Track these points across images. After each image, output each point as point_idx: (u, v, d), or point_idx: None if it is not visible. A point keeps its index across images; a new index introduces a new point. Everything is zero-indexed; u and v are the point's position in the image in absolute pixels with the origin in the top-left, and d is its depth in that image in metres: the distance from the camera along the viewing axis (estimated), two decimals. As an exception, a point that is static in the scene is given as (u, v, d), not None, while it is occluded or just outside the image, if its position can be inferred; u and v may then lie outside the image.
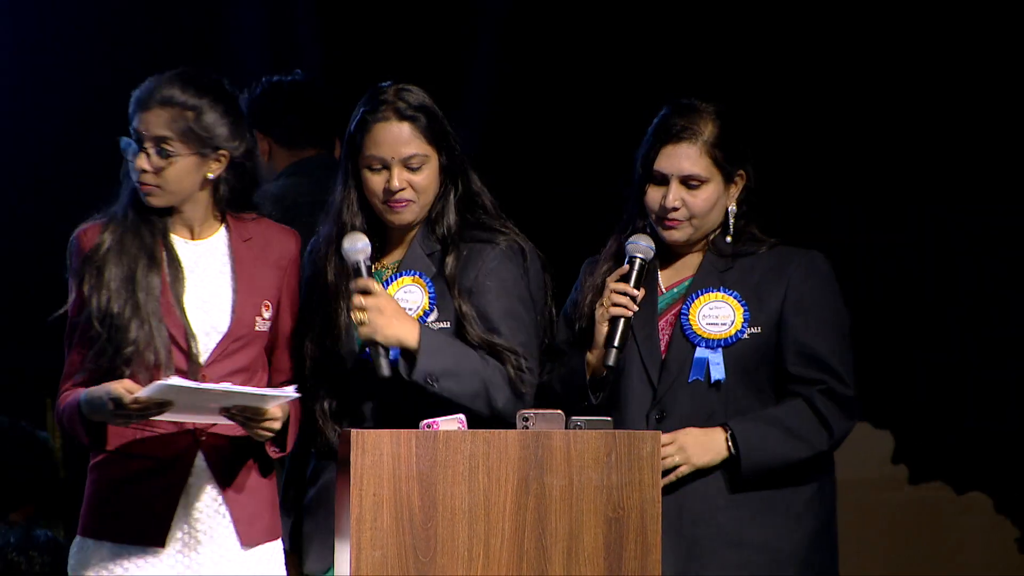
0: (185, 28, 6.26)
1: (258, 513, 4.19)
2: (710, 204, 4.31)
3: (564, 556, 3.76)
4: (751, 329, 4.26)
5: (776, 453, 4.21)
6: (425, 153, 4.22)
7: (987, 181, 6.13)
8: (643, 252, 4.29)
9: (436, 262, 4.29)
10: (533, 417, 3.82)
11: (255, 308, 4.20)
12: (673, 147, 4.30)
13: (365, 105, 4.26)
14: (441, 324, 4.25)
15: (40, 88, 6.10)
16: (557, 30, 6.28)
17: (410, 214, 4.25)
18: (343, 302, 4.24)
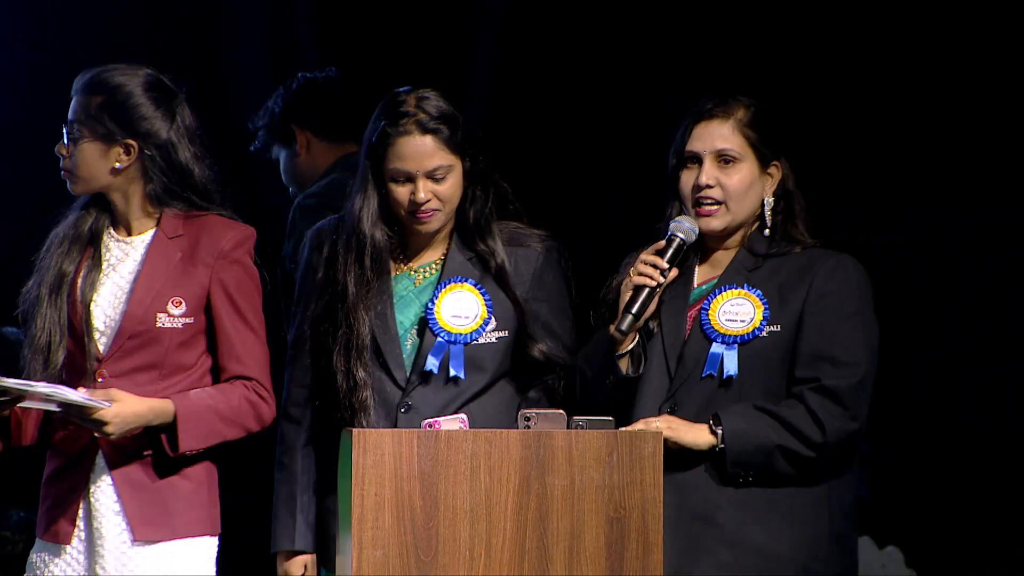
0: (185, 28, 6.26)
1: (159, 511, 4.19)
2: (745, 185, 4.30)
3: (566, 556, 3.76)
4: (770, 327, 4.25)
5: (762, 440, 4.16)
6: (449, 163, 4.23)
7: (987, 181, 6.12)
8: (684, 232, 4.29)
9: (478, 267, 4.30)
10: (535, 417, 3.83)
11: (158, 305, 4.20)
12: (705, 124, 4.31)
13: (385, 117, 4.25)
14: (500, 333, 4.29)
15: (40, 88, 6.09)
16: (557, 30, 6.28)
17: (436, 222, 4.27)
18: (364, 313, 4.24)
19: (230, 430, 4.19)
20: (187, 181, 4.24)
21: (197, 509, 4.22)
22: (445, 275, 4.30)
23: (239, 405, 4.19)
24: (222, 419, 4.18)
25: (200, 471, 4.23)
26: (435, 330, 4.25)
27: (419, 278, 4.32)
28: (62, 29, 6.18)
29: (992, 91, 6.06)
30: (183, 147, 4.24)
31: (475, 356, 4.27)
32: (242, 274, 4.24)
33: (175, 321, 4.21)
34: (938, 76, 6.11)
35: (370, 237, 4.25)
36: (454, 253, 4.32)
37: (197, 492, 4.22)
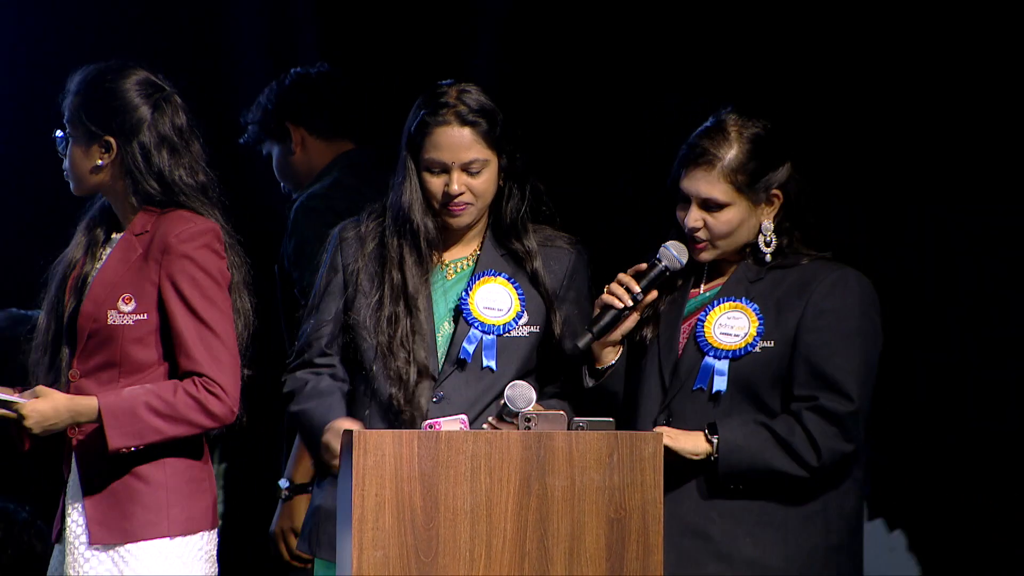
0: (185, 28, 6.25)
1: (116, 513, 4.19)
2: (732, 227, 4.30)
3: (566, 557, 3.76)
4: (763, 343, 4.24)
5: (757, 458, 4.17)
6: (485, 158, 4.25)
7: (987, 181, 6.12)
8: (669, 260, 4.30)
9: (511, 263, 4.31)
10: (535, 418, 3.83)
11: (109, 303, 4.21)
12: (693, 170, 4.30)
13: (426, 107, 4.27)
14: (531, 328, 4.30)
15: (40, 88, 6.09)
16: (557, 30, 6.28)
17: (468, 217, 4.28)
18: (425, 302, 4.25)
19: (171, 427, 4.14)
20: (164, 179, 4.24)
21: (153, 512, 4.19)
22: (479, 268, 4.32)
23: (178, 400, 4.14)
24: (158, 415, 4.13)
25: (160, 472, 4.21)
26: (469, 320, 4.28)
27: (450, 272, 4.34)
28: (62, 29, 6.18)
29: (992, 91, 6.06)
30: (163, 145, 4.24)
31: (507, 348, 4.30)
32: (193, 269, 4.20)
33: (125, 318, 4.20)
34: (938, 76, 6.10)
35: (423, 226, 4.27)
36: (488, 249, 4.34)
37: (154, 494, 4.20)
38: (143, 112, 4.24)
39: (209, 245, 4.22)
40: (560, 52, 6.28)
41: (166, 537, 4.19)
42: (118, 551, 4.19)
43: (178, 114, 4.27)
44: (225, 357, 4.18)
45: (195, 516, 4.23)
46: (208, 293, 4.20)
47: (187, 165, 4.26)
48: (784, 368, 4.23)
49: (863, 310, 4.27)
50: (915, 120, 6.14)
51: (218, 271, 4.22)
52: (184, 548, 4.21)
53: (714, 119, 4.35)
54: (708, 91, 4.45)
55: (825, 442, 4.16)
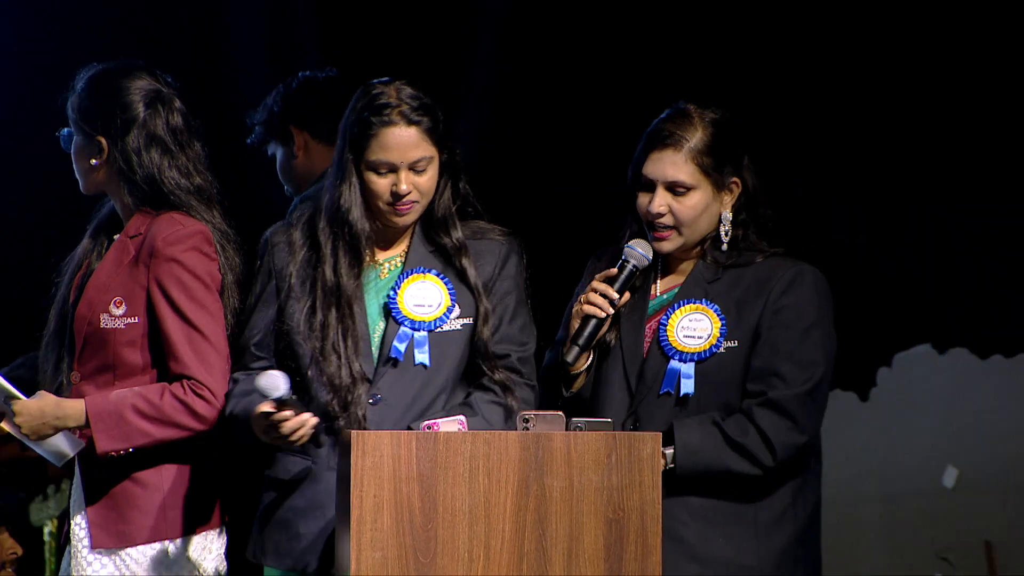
0: (185, 28, 6.26)
1: (115, 517, 4.20)
2: (697, 212, 4.29)
3: (564, 557, 3.76)
4: (727, 343, 4.24)
5: (714, 461, 4.16)
6: (431, 155, 4.22)
7: (987, 181, 6.12)
8: (636, 259, 4.29)
9: (441, 258, 4.30)
10: (534, 419, 3.83)
11: (101, 306, 4.23)
12: (659, 153, 4.29)
13: (367, 109, 4.23)
14: (464, 320, 4.28)
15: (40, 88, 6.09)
16: (557, 30, 6.28)
17: (414, 215, 4.26)
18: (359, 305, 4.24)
19: (159, 430, 4.15)
20: (156, 180, 4.24)
21: (149, 515, 4.20)
22: (408, 266, 4.29)
23: (164, 403, 4.15)
24: (145, 418, 4.14)
25: (156, 476, 4.22)
26: (398, 318, 4.24)
27: (384, 271, 4.31)
28: (62, 29, 6.18)
29: (991, 91, 6.06)
30: (154, 146, 4.24)
31: (441, 343, 4.26)
32: (180, 271, 4.19)
33: (117, 321, 4.21)
34: (938, 77, 6.11)
35: (361, 228, 4.24)
36: (417, 246, 4.31)
37: (150, 498, 4.21)
38: (134, 113, 4.24)
39: (197, 247, 4.21)
40: (560, 52, 6.28)
41: (165, 540, 4.20)
42: (119, 555, 4.20)
43: (174, 115, 4.26)
44: (213, 359, 4.18)
45: (196, 517, 4.23)
46: (196, 296, 4.19)
47: (182, 166, 4.25)
48: (747, 366, 4.24)
49: (819, 304, 4.27)
50: (915, 120, 6.14)
51: (206, 273, 4.22)
52: (186, 549, 4.22)
53: (673, 108, 4.35)
54: (708, 92, 4.44)
55: (778, 437, 4.16)
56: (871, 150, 6.20)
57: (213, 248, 4.23)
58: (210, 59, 6.26)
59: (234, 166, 6.07)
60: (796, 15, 6.14)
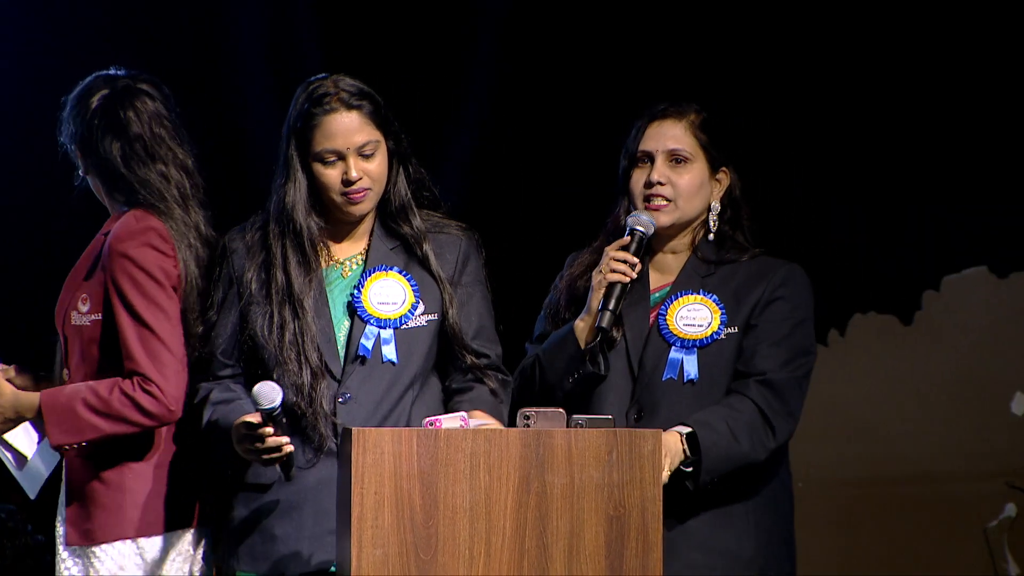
0: (185, 28, 6.26)
1: (84, 515, 4.23)
2: (694, 185, 4.35)
3: (565, 554, 3.76)
4: (728, 329, 4.31)
5: (731, 456, 4.20)
6: (376, 139, 4.25)
7: (987, 181, 6.13)
8: (644, 226, 4.34)
9: (402, 254, 4.31)
10: (534, 416, 3.83)
11: (72, 304, 4.27)
12: (659, 124, 4.38)
13: (307, 101, 4.25)
14: (430, 316, 4.28)
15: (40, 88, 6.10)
16: (557, 31, 6.28)
17: (368, 203, 4.28)
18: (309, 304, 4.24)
19: (108, 424, 4.17)
20: (125, 180, 4.27)
21: (112, 513, 4.22)
22: (369, 264, 4.30)
23: (113, 398, 4.16)
24: (94, 412, 4.16)
25: (118, 475, 4.24)
26: (363, 316, 4.25)
27: (345, 270, 4.32)
28: (62, 29, 6.18)
29: (991, 91, 6.06)
30: (116, 146, 4.27)
31: (407, 340, 4.27)
32: (132, 268, 4.20)
33: (84, 318, 4.25)
34: (938, 77, 6.11)
35: (306, 227, 4.25)
36: (377, 243, 4.33)
37: (113, 496, 4.23)
38: (103, 117, 4.28)
39: (149, 243, 4.22)
40: (560, 53, 6.28)
41: (128, 539, 4.21)
42: (87, 552, 4.23)
43: (143, 114, 4.28)
44: (164, 356, 4.19)
45: (162, 517, 4.24)
46: (147, 292, 4.20)
47: (149, 163, 4.27)
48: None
49: (808, 303, 4.37)
50: (914, 120, 6.14)
51: (159, 270, 4.22)
52: (153, 548, 4.23)
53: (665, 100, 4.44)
54: (707, 92, 4.45)
55: (777, 420, 4.24)
56: (871, 150, 6.20)
57: (170, 245, 4.23)
58: (210, 59, 6.26)
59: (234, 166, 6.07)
60: (797, 14, 6.14)
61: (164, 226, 4.22)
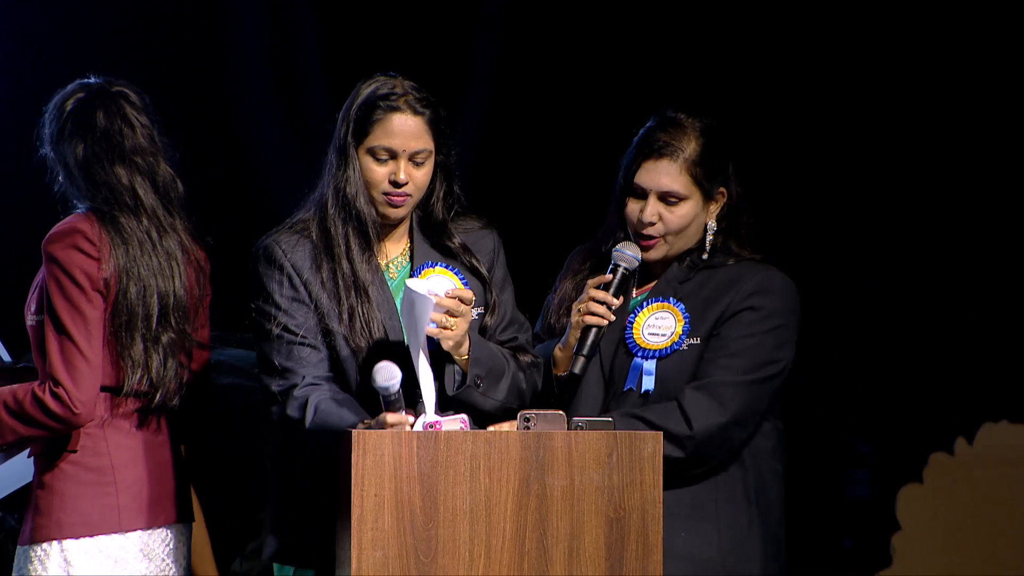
0: (185, 28, 6.25)
1: (28, 516, 4.25)
2: (686, 221, 4.33)
3: (565, 556, 3.76)
4: (690, 340, 4.28)
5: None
6: (431, 149, 4.24)
7: (987, 181, 6.13)
8: (627, 262, 4.32)
9: (444, 253, 4.31)
10: (534, 418, 3.83)
11: (28, 306, 4.29)
12: (654, 163, 4.33)
13: (374, 95, 4.23)
14: (478, 310, 4.29)
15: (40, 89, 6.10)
16: (557, 31, 6.28)
17: (405, 209, 4.27)
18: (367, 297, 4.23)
19: (23, 427, 4.19)
20: (77, 181, 4.28)
21: (44, 515, 4.23)
22: (417, 262, 4.30)
23: (25, 400, 4.18)
24: (12, 415, 4.19)
25: (50, 477, 4.24)
26: None
27: (392, 271, 4.32)
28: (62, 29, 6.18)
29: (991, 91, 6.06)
30: (80, 148, 4.26)
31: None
32: (57, 271, 4.20)
33: (32, 319, 4.28)
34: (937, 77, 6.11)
35: (368, 214, 4.25)
36: (419, 243, 4.32)
37: (45, 498, 4.24)
38: (72, 122, 4.28)
39: (74, 245, 4.20)
40: (560, 53, 6.28)
41: (54, 540, 4.22)
42: (28, 551, 4.25)
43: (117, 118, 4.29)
44: (77, 361, 4.18)
45: (92, 520, 4.24)
46: (68, 295, 4.19)
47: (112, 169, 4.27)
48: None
49: (783, 311, 4.30)
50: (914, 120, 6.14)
51: (81, 272, 4.20)
52: (76, 552, 4.23)
53: (662, 116, 4.38)
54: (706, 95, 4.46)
55: (698, 417, 4.18)
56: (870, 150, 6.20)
57: (95, 246, 4.21)
58: (210, 59, 6.26)
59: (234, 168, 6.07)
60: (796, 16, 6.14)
61: (93, 228, 4.21)
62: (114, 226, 4.23)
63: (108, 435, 4.25)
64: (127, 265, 4.22)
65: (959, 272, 6.26)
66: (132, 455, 4.27)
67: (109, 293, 4.22)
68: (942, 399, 6.29)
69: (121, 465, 4.25)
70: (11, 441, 4.21)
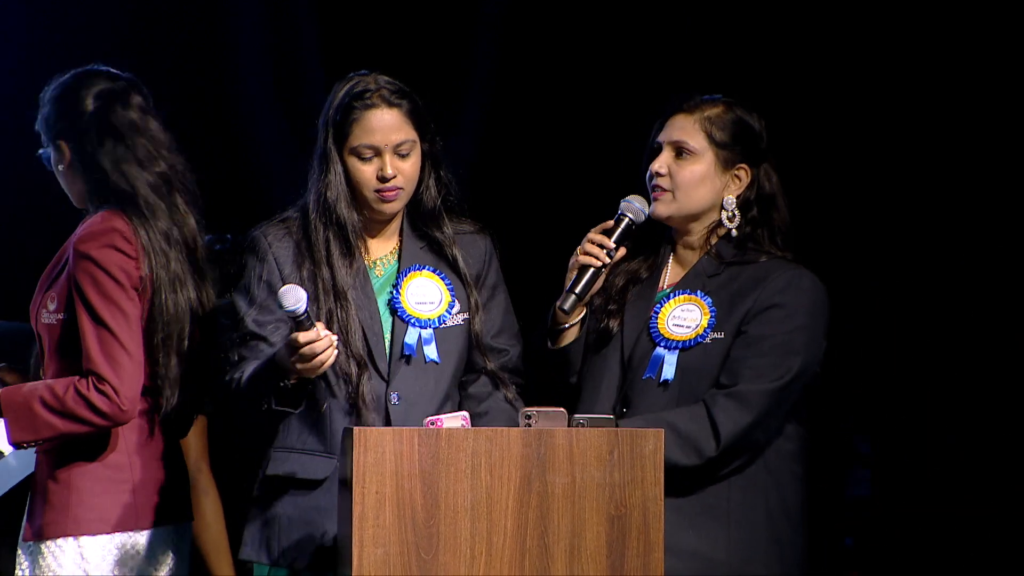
0: (185, 28, 6.26)
1: (32, 511, 4.25)
2: (695, 178, 4.32)
3: (566, 554, 3.76)
4: (714, 334, 4.27)
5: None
6: (414, 139, 4.28)
7: (987, 181, 6.13)
8: (633, 212, 4.34)
9: (432, 254, 4.33)
10: (536, 415, 3.83)
11: (41, 303, 4.27)
12: (672, 118, 4.37)
13: (348, 96, 4.26)
14: (464, 315, 4.33)
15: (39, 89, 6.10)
16: (556, 30, 6.28)
17: (399, 203, 4.30)
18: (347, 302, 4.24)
19: (63, 423, 4.16)
20: (106, 179, 4.26)
21: (58, 511, 4.22)
22: (404, 265, 4.33)
23: (67, 397, 4.15)
24: (50, 410, 4.15)
25: (67, 472, 4.24)
26: (404, 317, 4.28)
27: (379, 269, 4.34)
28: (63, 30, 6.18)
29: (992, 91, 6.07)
30: (105, 145, 4.25)
31: (446, 339, 4.31)
32: (93, 269, 4.19)
33: (51, 317, 4.25)
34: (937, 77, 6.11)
35: (349, 220, 4.28)
36: (408, 243, 4.35)
37: (60, 494, 4.23)
38: (88, 114, 4.26)
39: (111, 244, 4.20)
40: (560, 52, 6.28)
41: (70, 536, 4.21)
42: (35, 548, 4.24)
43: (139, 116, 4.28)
44: (121, 357, 4.17)
45: (107, 517, 4.23)
46: (108, 293, 4.18)
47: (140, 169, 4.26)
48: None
49: (812, 310, 4.28)
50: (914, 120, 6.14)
51: (120, 270, 4.20)
52: (95, 547, 4.23)
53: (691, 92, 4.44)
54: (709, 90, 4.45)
55: (727, 426, 4.17)
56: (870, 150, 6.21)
57: (133, 246, 4.22)
58: (211, 59, 6.26)
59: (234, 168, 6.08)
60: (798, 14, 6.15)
61: (129, 228, 4.21)
62: (143, 226, 4.23)
63: (124, 432, 4.25)
64: (164, 277, 4.23)
65: (959, 272, 6.26)
66: (146, 453, 4.28)
67: (144, 295, 4.22)
68: (942, 399, 6.30)
69: (137, 463, 4.26)
70: (46, 437, 4.17)
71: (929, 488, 6.31)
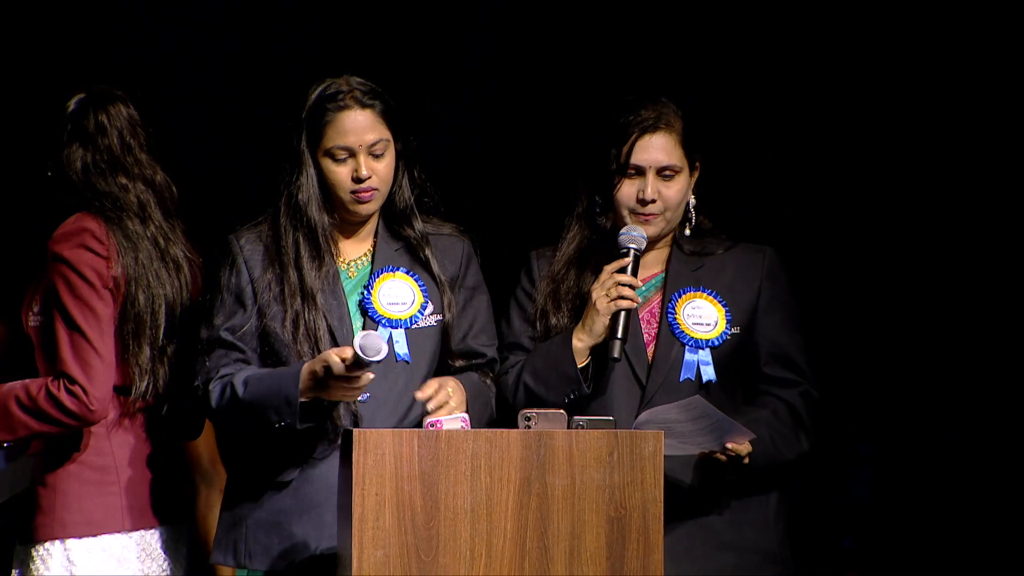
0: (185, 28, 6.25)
1: (30, 514, 4.28)
2: (682, 195, 4.39)
3: (566, 556, 3.76)
4: (732, 329, 4.35)
5: (766, 457, 4.27)
6: (387, 138, 4.29)
7: (987, 181, 6.13)
8: (637, 243, 4.38)
9: (406, 255, 4.33)
10: (535, 417, 3.83)
11: (28, 306, 4.31)
12: (649, 138, 4.37)
13: (321, 98, 4.28)
14: (437, 316, 4.33)
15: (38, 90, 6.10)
16: (556, 30, 6.28)
17: (375, 204, 4.31)
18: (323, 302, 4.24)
19: (36, 423, 4.20)
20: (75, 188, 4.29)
21: (46, 514, 4.26)
22: (377, 266, 4.33)
23: (39, 397, 4.20)
24: (24, 410, 4.20)
25: (52, 476, 4.27)
26: (375, 317, 4.29)
27: (352, 271, 4.35)
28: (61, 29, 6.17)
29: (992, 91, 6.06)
30: (79, 155, 4.29)
31: (418, 339, 4.32)
32: (65, 270, 4.22)
33: (35, 319, 4.30)
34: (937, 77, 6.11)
35: (319, 222, 4.28)
36: (382, 244, 4.37)
37: (47, 497, 4.26)
38: (72, 125, 4.32)
39: (82, 244, 4.23)
40: (559, 52, 6.28)
41: (57, 539, 4.22)
42: (29, 549, 4.27)
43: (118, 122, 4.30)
44: (92, 358, 4.21)
45: (95, 519, 4.26)
46: (79, 294, 4.21)
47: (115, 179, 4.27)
48: (748, 351, 4.37)
49: (790, 286, 4.44)
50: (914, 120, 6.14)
51: (91, 270, 4.23)
52: (80, 551, 4.24)
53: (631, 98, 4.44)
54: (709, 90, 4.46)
55: (812, 428, 4.34)
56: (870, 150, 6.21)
57: (105, 246, 4.23)
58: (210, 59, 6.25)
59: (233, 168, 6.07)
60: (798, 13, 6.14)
61: (103, 228, 4.22)
62: (121, 229, 4.23)
63: (111, 434, 4.25)
64: (136, 272, 4.24)
65: (959, 272, 6.26)
66: (134, 455, 4.28)
67: (118, 294, 4.22)
68: (942, 399, 6.29)
69: (124, 465, 4.26)
70: (22, 436, 4.21)
71: (929, 488, 6.30)
